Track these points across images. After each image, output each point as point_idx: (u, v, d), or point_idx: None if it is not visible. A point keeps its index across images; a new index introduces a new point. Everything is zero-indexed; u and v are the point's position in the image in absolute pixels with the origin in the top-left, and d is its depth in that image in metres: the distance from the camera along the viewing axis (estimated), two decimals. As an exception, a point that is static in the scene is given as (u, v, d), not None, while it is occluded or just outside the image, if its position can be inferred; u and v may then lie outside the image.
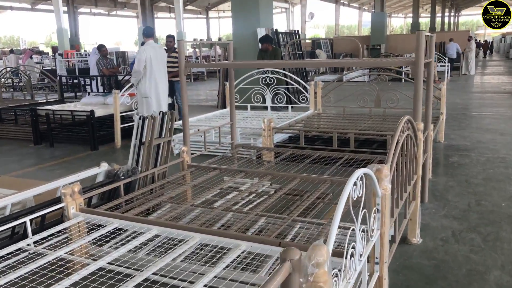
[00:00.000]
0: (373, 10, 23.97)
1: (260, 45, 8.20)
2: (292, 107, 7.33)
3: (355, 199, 1.56)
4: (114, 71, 8.30)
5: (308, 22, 37.04)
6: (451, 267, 2.85)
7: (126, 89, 6.79)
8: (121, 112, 6.63)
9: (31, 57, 17.36)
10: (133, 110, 6.81)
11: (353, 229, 1.60)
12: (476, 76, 18.11)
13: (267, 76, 7.27)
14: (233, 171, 3.74)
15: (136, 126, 3.50)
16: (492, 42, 45.94)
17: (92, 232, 2.65)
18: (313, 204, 3.09)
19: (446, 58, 16.29)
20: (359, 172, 1.60)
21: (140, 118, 3.46)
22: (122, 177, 3.28)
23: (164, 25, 41.98)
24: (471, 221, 3.57)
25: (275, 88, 7.26)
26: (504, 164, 5.15)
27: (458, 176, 4.76)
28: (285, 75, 7.49)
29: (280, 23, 42.43)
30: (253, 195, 3.82)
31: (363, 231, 1.71)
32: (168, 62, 8.04)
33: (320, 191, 3.28)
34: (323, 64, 5.32)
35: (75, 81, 10.28)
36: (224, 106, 8.36)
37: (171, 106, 8.01)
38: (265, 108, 7.44)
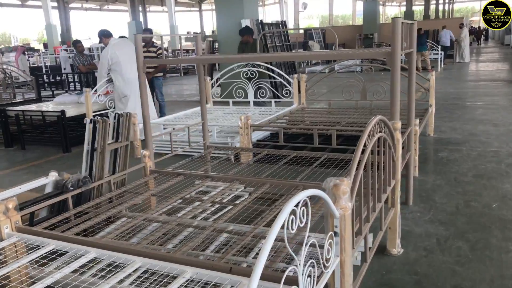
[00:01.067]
0: (366, -1, 23.56)
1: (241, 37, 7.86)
2: (275, 101, 7.00)
3: (293, 231, 1.24)
4: (91, 67, 7.95)
5: (302, 13, 36.65)
6: (434, 283, 2.55)
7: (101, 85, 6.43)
8: (95, 111, 6.30)
9: (23, 53, 16.90)
10: (107, 109, 6.47)
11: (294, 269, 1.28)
12: (471, 63, 17.77)
13: (249, 70, 6.92)
14: (198, 177, 3.42)
15: (87, 130, 3.17)
16: (487, 29, 45.51)
17: (26, 255, 2.34)
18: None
19: (439, 46, 15.94)
20: (299, 197, 1.28)
21: (90, 122, 3.13)
22: (71, 188, 2.96)
23: (156, 19, 41.39)
24: (459, 226, 3.26)
25: (258, 82, 6.92)
26: (496, 158, 4.85)
27: (447, 173, 4.45)
28: (267, 68, 7.15)
29: (273, 14, 42.01)
30: (225, 200, 3.54)
31: (311, 265, 1.39)
32: (146, 57, 7.73)
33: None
34: (296, 57, 5.00)
35: (58, 78, 9.94)
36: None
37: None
38: (248, 103, 7.11)
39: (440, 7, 40.82)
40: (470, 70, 15.20)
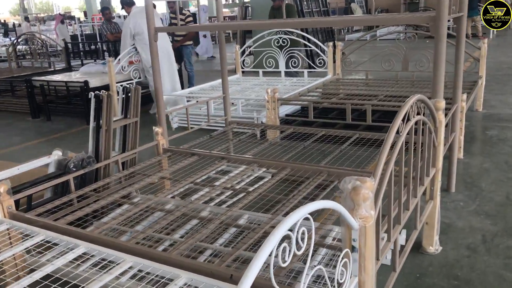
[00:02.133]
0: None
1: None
2: (309, 72, 6.54)
3: (286, 263, 0.91)
4: (119, 36, 7.69)
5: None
6: (477, 291, 2.17)
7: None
8: (119, 82, 6.08)
9: (62, 22, 16.90)
10: (132, 79, 6.23)
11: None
12: (526, 30, 16.40)
13: (280, 38, 6.48)
14: (213, 158, 3.12)
15: (92, 106, 2.91)
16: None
17: (22, 242, 2.13)
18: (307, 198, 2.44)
19: (492, 11, 14.72)
20: (297, 215, 0.94)
21: (94, 97, 2.86)
22: (74, 169, 2.73)
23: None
24: (509, 220, 2.83)
25: (289, 50, 6.47)
26: (555, 138, 4.28)
27: (496, 155, 3.95)
28: (303, 37, 6.67)
29: None
30: (244, 182, 3.24)
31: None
32: (175, 25, 7.41)
33: (318, 181, 2.64)
34: (324, 23, 4.51)
35: (93, 47, 9.79)
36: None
37: (179, 73, 7.41)
38: (280, 73, 6.69)
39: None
40: (525, 37, 14.01)
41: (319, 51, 6.45)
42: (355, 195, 1.26)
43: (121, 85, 3.10)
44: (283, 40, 6.45)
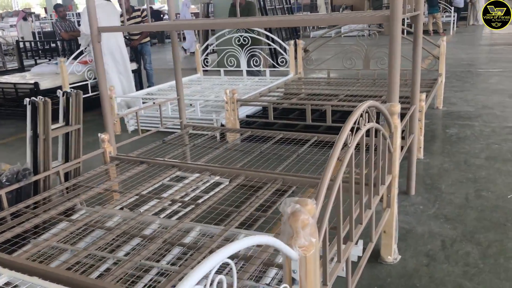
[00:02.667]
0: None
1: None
2: (271, 70, 6.40)
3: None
4: (75, 34, 7.36)
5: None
6: (436, 302, 2.09)
7: (76, 55, 5.88)
8: (72, 83, 5.79)
9: (24, 19, 16.08)
10: (87, 80, 5.95)
11: None
12: (485, 26, 16.79)
13: (240, 36, 6.32)
14: (163, 166, 2.94)
15: (28, 113, 2.68)
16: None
17: None
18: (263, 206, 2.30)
19: (452, 8, 15.00)
20: (213, 261, 0.79)
21: (29, 103, 2.63)
22: (7, 183, 2.50)
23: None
24: (468, 223, 2.77)
25: (251, 49, 6.33)
26: (513, 136, 4.30)
27: (456, 155, 3.93)
28: (266, 35, 6.53)
29: None
30: (198, 190, 3.09)
31: None
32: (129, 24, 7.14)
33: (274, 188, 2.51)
34: (272, 23, 4.32)
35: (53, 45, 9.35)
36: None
37: (137, 73, 7.15)
38: (242, 72, 6.53)
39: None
40: (484, 34, 14.31)
41: (280, 50, 6.32)
42: (293, 221, 1.12)
43: (60, 91, 2.86)
44: (244, 38, 6.30)
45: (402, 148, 2.87)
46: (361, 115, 1.61)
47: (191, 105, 4.79)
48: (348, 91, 5.15)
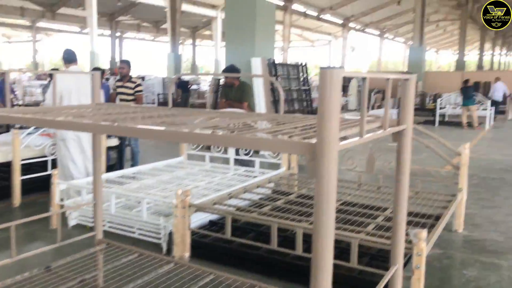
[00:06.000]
0: (411, 43, 21.92)
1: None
2: (261, 161, 5.48)
3: None
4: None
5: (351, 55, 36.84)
6: None
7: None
8: (26, 159, 5.04)
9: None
10: (46, 156, 5.19)
11: None
12: (526, 122, 15.61)
13: (228, 120, 5.49)
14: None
15: None
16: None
17: None
18: None
19: (489, 101, 14.00)
20: None
21: None
22: None
23: (206, 53, 41.38)
24: None
25: (240, 135, 5.46)
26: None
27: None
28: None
29: (324, 56, 42.64)
30: None
31: None
32: (121, 93, 6.52)
33: None
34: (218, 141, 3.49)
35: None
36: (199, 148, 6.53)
37: (118, 150, 6.40)
38: (229, 160, 5.65)
39: (496, 58, 38.39)
40: (525, 131, 13.12)
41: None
42: None
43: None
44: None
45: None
46: None
47: (139, 202, 3.86)
48: (345, 198, 4.13)
